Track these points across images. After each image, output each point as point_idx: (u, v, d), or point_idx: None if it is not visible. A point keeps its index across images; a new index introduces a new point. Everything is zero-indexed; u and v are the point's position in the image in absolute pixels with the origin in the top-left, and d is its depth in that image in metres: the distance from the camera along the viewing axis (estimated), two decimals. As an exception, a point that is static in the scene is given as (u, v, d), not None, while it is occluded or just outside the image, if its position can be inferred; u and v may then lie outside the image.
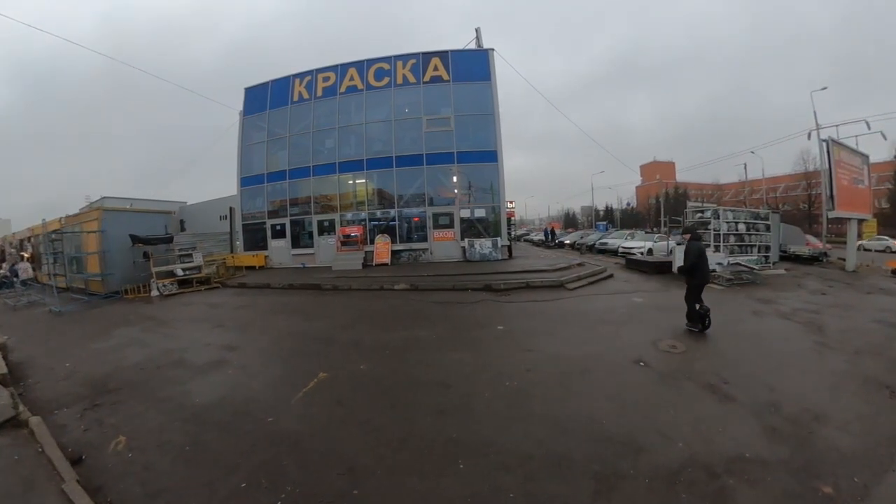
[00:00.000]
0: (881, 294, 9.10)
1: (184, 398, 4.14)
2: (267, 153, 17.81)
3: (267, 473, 2.83)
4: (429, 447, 3.04)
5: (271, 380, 4.61)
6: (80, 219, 13.53)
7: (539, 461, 2.79)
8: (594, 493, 2.46)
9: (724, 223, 12.24)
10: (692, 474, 2.61)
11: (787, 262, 14.59)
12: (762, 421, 3.31)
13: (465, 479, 2.64)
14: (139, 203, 28.75)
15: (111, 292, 11.63)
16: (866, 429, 3.20)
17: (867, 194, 15.30)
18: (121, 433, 3.43)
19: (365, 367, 4.79)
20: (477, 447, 2.99)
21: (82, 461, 3.06)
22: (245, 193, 18.25)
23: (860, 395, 3.84)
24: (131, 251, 12.32)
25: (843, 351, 5.14)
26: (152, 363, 5.28)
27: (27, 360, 5.62)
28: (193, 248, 13.58)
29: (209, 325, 7.53)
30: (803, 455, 2.83)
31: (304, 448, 3.12)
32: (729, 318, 6.81)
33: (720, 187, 60.96)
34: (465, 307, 7.95)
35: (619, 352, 5.03)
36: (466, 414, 3.53)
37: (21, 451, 3.15)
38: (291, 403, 3.90)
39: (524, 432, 3.16)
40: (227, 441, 3.27)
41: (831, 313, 7.16)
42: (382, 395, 4.04)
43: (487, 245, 14.38)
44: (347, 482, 2.68)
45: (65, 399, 4.21)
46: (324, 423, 3.50)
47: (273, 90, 17.77)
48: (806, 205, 39.05)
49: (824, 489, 2.47)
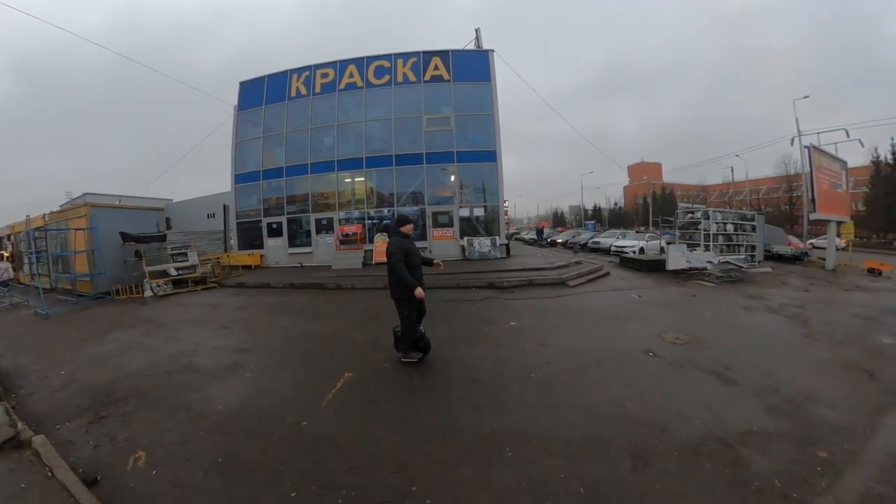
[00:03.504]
0: (858, 291, 9.74)
1: (203, 405, 3.92)
2: (262, 150, 17.60)
3: (315, 479, 2.72)
4: (472, 439, 3.16)
5: (294, 382, 4.47)
6: (66, 215, 13.11)
7: (577, 444, 3.05)
8: (632, 467, 2.76)
9: (713, 224, 12.82)
10: (711, 446, 2.96)
11: (771, 261, 15.33)
12: (763, 401, 3.71)
13: (514, 466, 2.82)
14: (126, 200, 28.10)
15: (101, 293, 11.24)
16: (851, 406, 3.64)
17: (846, 198, 16.16)
18: (138, 448, 3.17)
19: (389, 365, 4.79)
20: (518, 436, 3.17)
21: (97, 483, 2.75)
22: (239, 191, 17.99)
23: (844, 379, 4.31)
24: (122, 250, 11.97)
25: (826, 341, 5.64)
26: (159, 369, 5.01)
27: (16, 369, 5.23)
28: (187, 246, 13.31)
29: (214, 326, 7.33)
30: (801, 427, 3.24)
31: (348, 450, 3.06)
32: (723, 312, 7.34)
33: (705, 188, 62.75)
34: (474, 305, 8.21)
35: (628, 343, 5.39)
36: (500, 406, 3.70)
37: (27, 476, 2.80)
38: (322, 405, 3.82)
39: (558, 419, 3.42)
40: (261, 449, 3.11)
41: (814, 308, 7.70)
42: (413, 392, 4.07)
43: (486, 244, 14.71)
44: (402, 480, 2.69)
45: (65, 412, 3.88)
46: (362, 424, 3.46)
47: (269, 85, 17.54)
48: (787, 206, 40.52)
49: (821, 454, 2.88)
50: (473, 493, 2.56)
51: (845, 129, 16.21)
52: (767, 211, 37.49)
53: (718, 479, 2.61)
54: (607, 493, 2.51)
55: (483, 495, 2.53)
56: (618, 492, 2.52)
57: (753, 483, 2.56)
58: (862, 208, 32.10)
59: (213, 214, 23.94)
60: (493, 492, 2.56)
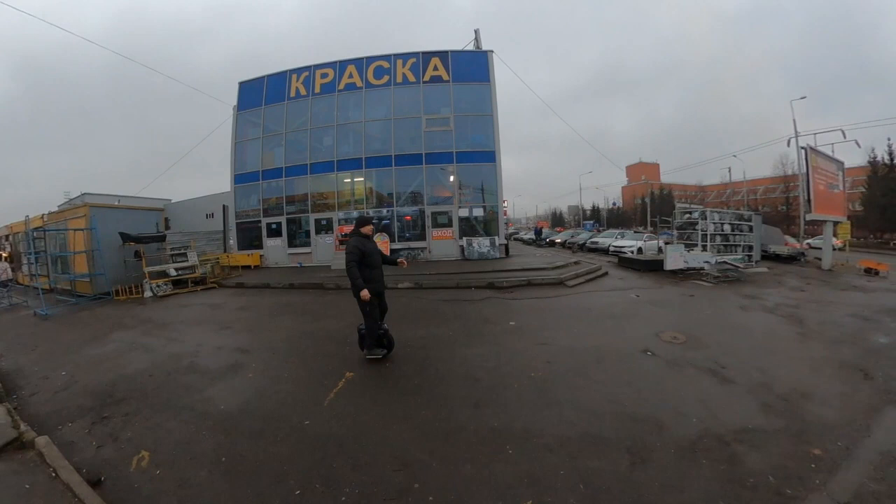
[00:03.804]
0: (854, 291, 9.83)
1: (206, 406, 3.93)
2: (262, 150, 17.64)
3: (320, 477, 2.75)
4: (474, 437, 3.20)
5: (296, 382, 4.50)
6: (66, 215, 13.09)
7: (577, 441, 3.11)
8: (631, 464, 2.82)
9: (711, 224, 12.91)
10: (708, 443, 3.02)
11: (768, 261, 15.41)
12: (758, 399, 3.77)
13: (515, 462, 2.87)
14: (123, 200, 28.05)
15: (101, 293, 11.24)
16: (845, 404, 3.69)
17: (842, 198, 16.29)
18: (142, 448, 3.17)
19: (390, 365, 4.84)
20: (519, 433, 3.21)
21: (101, 483, 2.75)
22: (239, 191, 18.03)
23: (838, 377, 4.36)
24: (121, 250, 11.98)
25: (821, 340, 5.72)
26: (161, 369, 5.01)
27: (17, 370, 5.22)
28: (187, 246, 13.32)
29: (214, 326, 7.34)
30: (795, 425, 3.29)
31: (351, 448, 3.10)
32: (720, 312, 7.42)
33: (703, 189, 62.92)
34: (473, 305, 8.26)
35: (626, 343, 5.45)
36: (501, 404, 3.75)
37: (31, 478, 2.80)
38: (325, 405, 3.84)
39: (558, 417, 3.47)
40: (265, 448, 3.14)
41: (810, 308, 7.78)
42: (415, 391, 4.12)
43: (486, 244, 14.77)
44: (405, 477, 2.73)
45: (67, 413, 3.87)
46: (365, 423, 3.49)
47: (269, 85, 17.57)
48: (784, 206, 40.70)
49: (815, 451, 2.93)
50: (475, 489, 2.61)
51: (842, 129, 16.32)
52: (765, 211, 37.71)
53: (714, 476, 2.66)
54: (606, 489, 2.56)
55: (484, 492, 2.58)
56: (616, 488, 2.57)
57: (748, 479, 2.61)
58: (859, 208, 32.29)
59: (212, 214, 23.94)
60: (495, 488, 2.61)
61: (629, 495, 2.51)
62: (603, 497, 2.50)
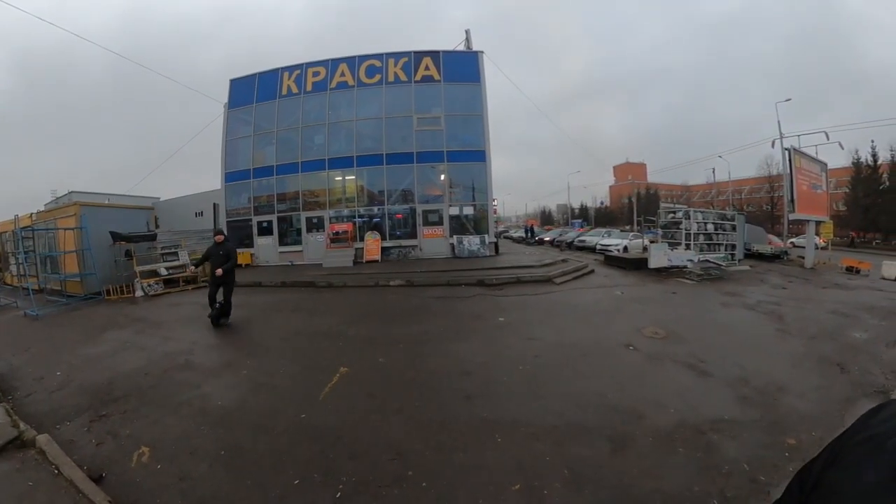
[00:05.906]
0: (835, 288, 10.16)
1: (203, 402, 3.97)
2: (253, 148, 17.48)
3: (317, 468, 2.84)
4: (465, 427, 3.33)
5: (292, 377, 4.56)
6: (55, 214, 12.81)
7: (562, 430, 3.26)
8: (612, 451, 2.97)
9: (694, 223, 13.20)
10: (685, 433, 3.17)
11: (751, 259, 15.81)
12: (735, 391, 3.94)
13: (505, 450, 3.00)
14: (112, 199, 27.58)
15: (92, 293, 11.02)
16: (821, 396, 3.88)
17: (825, 198, 16.75)
18: (141, 444, 3.20)
19: (383, 360, 4.92)
20: (507, 423, 3.36)
21: (103, 479, 2.78)
22: (230, 189, 17.82)
23: (816, 371, 4.56)
24: (112, 249, 11.77)
25: (800, 336, 5.92)
26: (157, 367, 5.02)
27: (10, 371, 5.18)
28: (178, 245, 13.19)
29: (207, 324, 7.26)
30: (771, 416, 3.46)
31: (348, 440, 3.18)
32: (701, 309, 7.65)
33: (689, 188, 63.81)
34: (463, 301, 8.38)
35: (610, 338, 5.62)
36: (491, 396, 3.89)
37: (34, 475, 2.82)
38: (320, 399, 3.92)
39: (545, 408, 3.62)
40: (264, 441, 3.21)
41: (791, 305, 8.03)
42: (408, 385, 4.21)
43: (476, 242, 14.90)
44: (400, 465, 2.84)
45: (64, 411, 3.87)
46: (359, 415, 3.57)
47: (261, 83, 17.41)
48: (769, 206, 41.53)
49: (789, 441, 3.09)
50: (466, 476, 2.74)
51: (825, 131, 16.79)
52: (750, 211, 38.46)
53: (691, 463, 2.81)
54: (589, 474, 2.70)
55: (475, 478, 2.71)
56: (599, 473, 2.71)
57: (723, 466, 2.76)
58: (843, 208, 33.14)
59: (202, 213, 23.68)
60: (485, 475, 2.73)
61: (610, 480, 2.65)
62: (586, 481, 2.63)
